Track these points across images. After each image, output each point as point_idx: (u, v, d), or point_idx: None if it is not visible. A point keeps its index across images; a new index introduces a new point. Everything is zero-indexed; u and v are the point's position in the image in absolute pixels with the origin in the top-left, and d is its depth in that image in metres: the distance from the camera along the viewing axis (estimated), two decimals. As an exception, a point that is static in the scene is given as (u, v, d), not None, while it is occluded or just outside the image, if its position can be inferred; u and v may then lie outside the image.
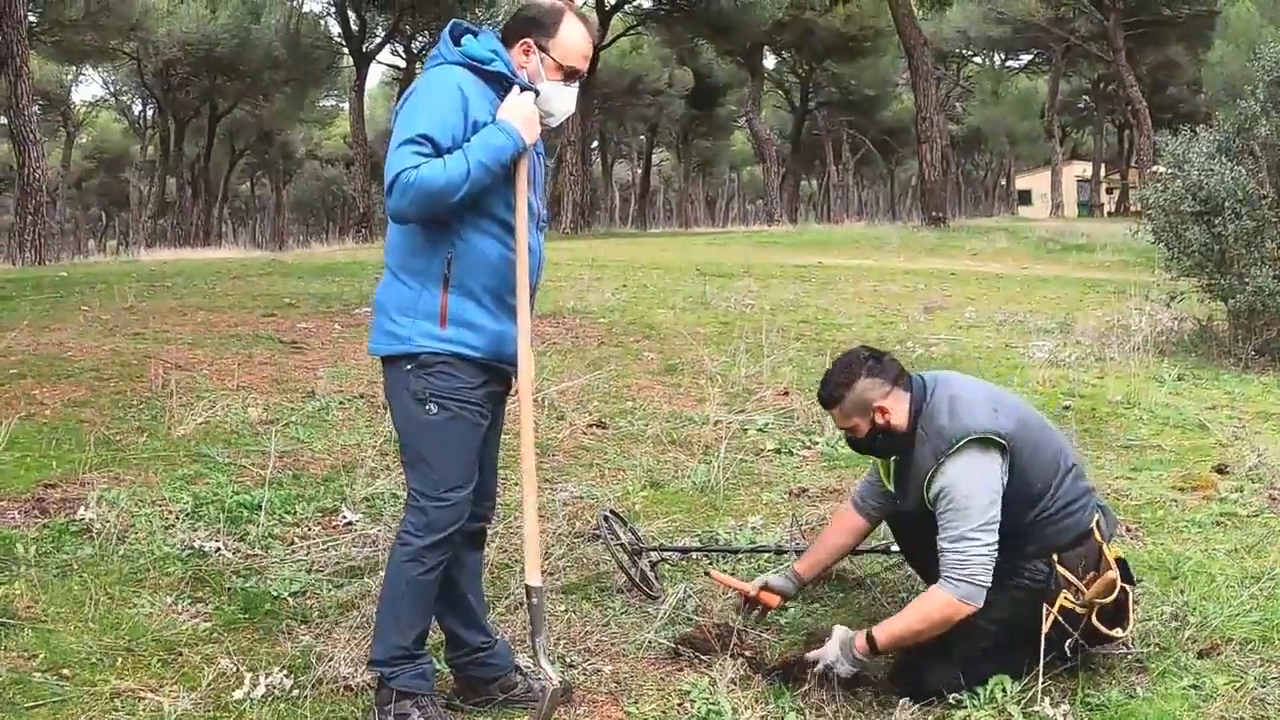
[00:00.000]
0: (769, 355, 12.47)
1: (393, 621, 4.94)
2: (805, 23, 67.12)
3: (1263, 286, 13.91)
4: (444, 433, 4.88)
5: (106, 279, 19.87)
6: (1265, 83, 15.39)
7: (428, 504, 4.88)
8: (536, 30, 5.04)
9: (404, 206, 4.63)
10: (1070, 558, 5.28)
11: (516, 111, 4.88)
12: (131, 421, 9.60)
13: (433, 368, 4.84)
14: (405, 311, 4.86)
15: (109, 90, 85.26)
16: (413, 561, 4.89)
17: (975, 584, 5.09)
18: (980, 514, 5.13)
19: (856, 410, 5.49)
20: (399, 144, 4.67)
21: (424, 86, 4.87)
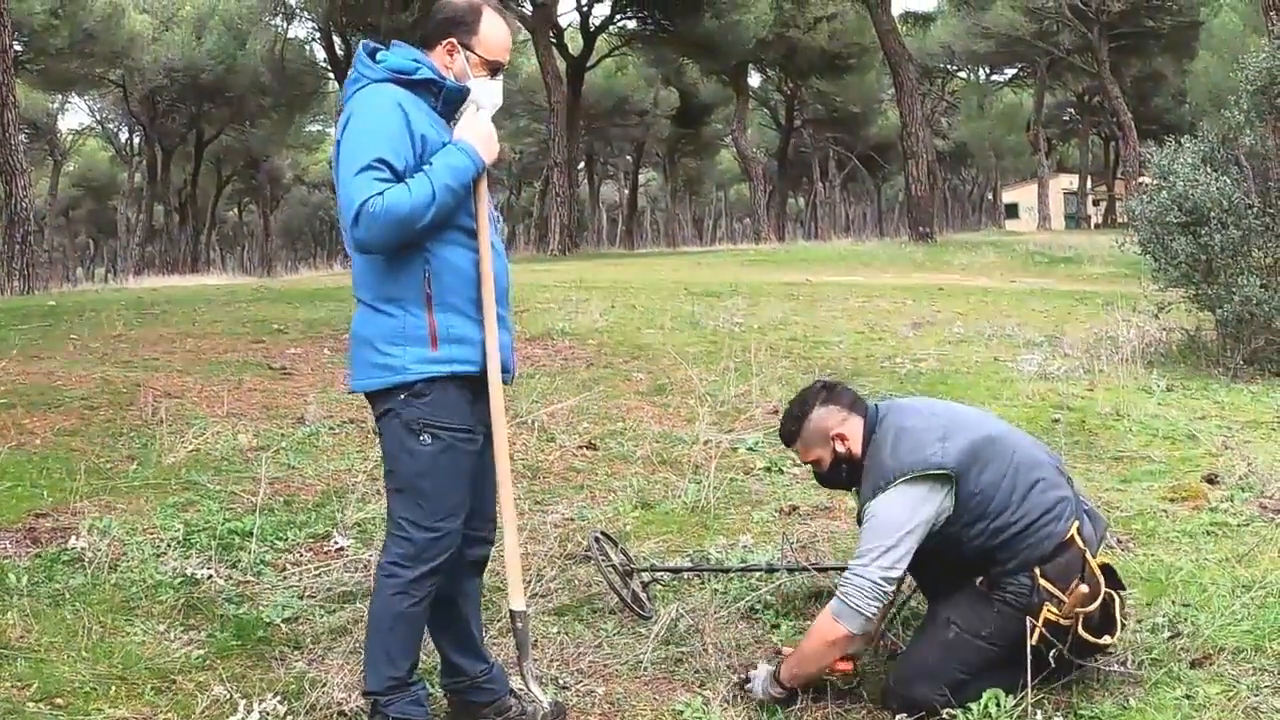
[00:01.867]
0: (758, 374, 12.47)
1: (384, 653, 4.89)
2: (790, 41, 67.23)
3: (1250, 296, 13.94)
4: (437, 463, 4.83)
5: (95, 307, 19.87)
6: (1249, 92, 15.43)
7: (417, 534, 4.84)
8: (458, 29, 5.02)
9: (372, 237, 4.58)
10: (1052, 569, 5.26)
11: (475, 131, 4.88)
12: (122, 450, 9.60)
13: (427, 395, 4.79)
14: (394, 340, 4.79)
15: (95, 118, 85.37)
16: (401, 594, 4.85)
17: (848, 603, 5.13)
18: (880, 543, 5.16)
19: (816, 441, 5.60)
20: (355, 172, 4.60)
21: (361, 110, 4.79)
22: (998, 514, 5.26)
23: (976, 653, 5.26)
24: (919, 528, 5.19)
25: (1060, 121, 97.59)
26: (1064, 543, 5.31)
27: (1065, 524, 5.34)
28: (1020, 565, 5.27)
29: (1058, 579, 5.25)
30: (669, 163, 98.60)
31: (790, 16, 64.67)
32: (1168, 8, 65.05)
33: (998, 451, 5.39)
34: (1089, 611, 5.24)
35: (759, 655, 5.90)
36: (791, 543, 7.42)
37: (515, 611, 5.02)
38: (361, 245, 4.64)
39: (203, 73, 64.32)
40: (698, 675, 5.65)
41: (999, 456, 5.37)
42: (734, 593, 6.72)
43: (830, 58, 70.87)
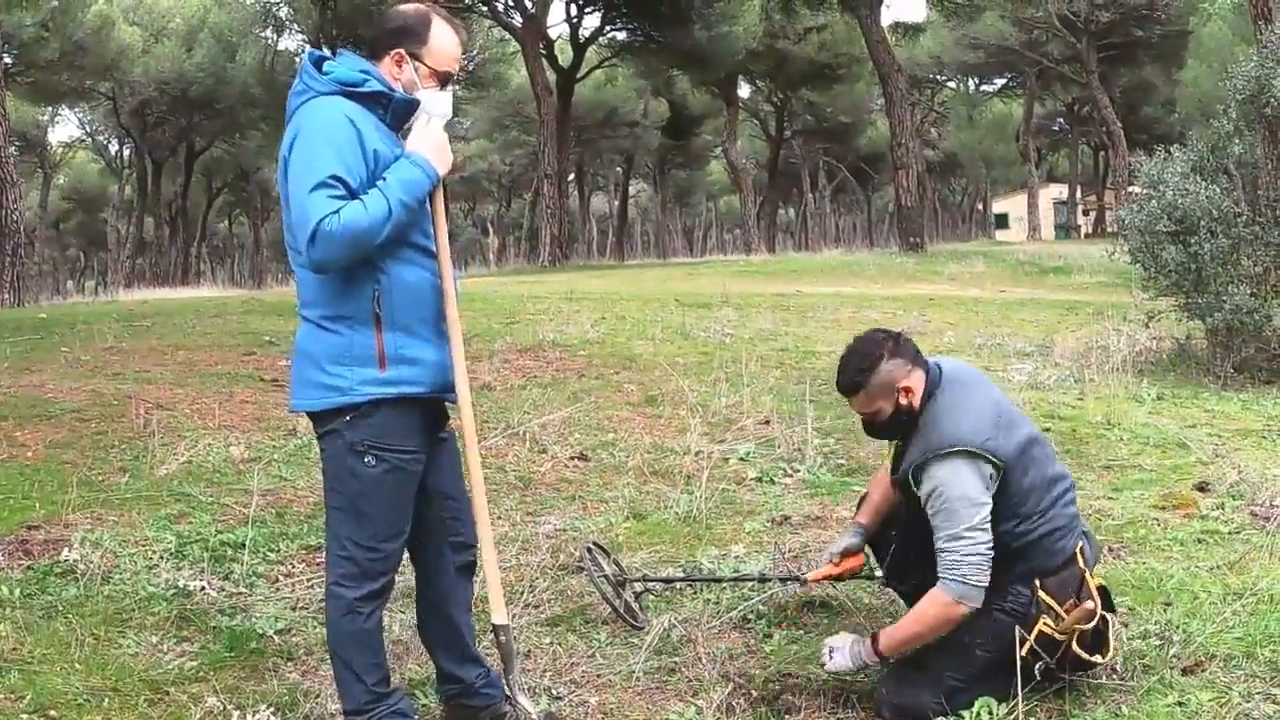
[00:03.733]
0: (749, 384, 12.47)
1: (350, 674, 4.86)
2: (779, 52, 67.28)
3: (1240, 304, 13.99)
4: (381, 485, 4.77)
5: (86, 319, 19.84)
6: (1238, 101, 15.49)
7: (360, 554, 4.79)
8: (408, 39, 4.93)
9: (329, 256, 4.49)
10: (1052, 583, 5.28)
11: (427, 142, 4.81)
12: (114, 462, 9.59)
13: (372, 416, 4.72)
14: (339, 360, 4.71)
15: (85, 130, 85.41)
16: (350, 614, 4.81)
17: (969, 584, 5.11)
18: (971, 514, 5.14)
19: (882, 392, 5.50)
20: (309, 189, 4.49)
21: (311, 124, 4.66)
22: (1025, 518, 5.28)
23: (971, 660, 5.26)
24: (988, 502, 5.20)
25: (1050, 131, 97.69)
26: (1068, 559, 5.34)
27: (1074, 541, 5.38)
28: (1024, 574, 5.28)
29: (1056, 593, 5.27)
30: (659, 174, 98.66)
31: (780, 27, 64.71)
32: (1156, 17, 65.25)
33: (1037, 456, 5.41)
34: (1085, 630, 5.25)
35: (752, 665, 5.90)
36: (783, 552, 7.43)
37: (497, 626, 4.99)
38: (318, 265, 4.54)
39: (193, 85, 64.32)
40: (690, 685, 5.65)
41: (1038, 461, 5.39)
42: (726, 603, 6.73)
43: (820, 68, 70.97)
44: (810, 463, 9.89)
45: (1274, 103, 14.89)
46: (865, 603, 6.68)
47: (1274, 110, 15.03)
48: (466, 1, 54.67)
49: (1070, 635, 5.23)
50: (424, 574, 5.22)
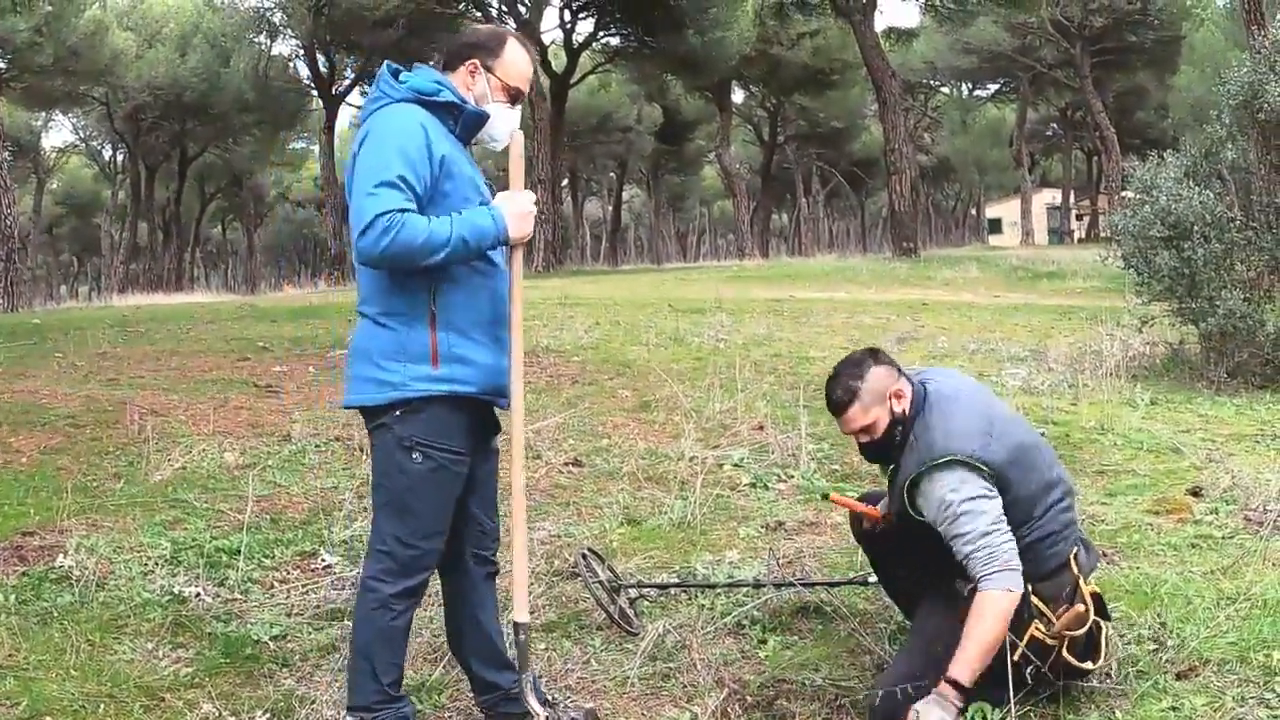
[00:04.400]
0: (743, 390, 12.47)
1: (368, 670, 4.88)
2: (773, 57, 67.32)
3: (1233, 309, 14.00)
4: (427, 482, 4.82)
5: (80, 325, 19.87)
6: (1230, 106, 15.50)
7: (400, 550, 4.83)
8: (482, 53, 5.08)
9: (379, 249, 4.52)
10: (1045, 588, 5.27)
11: (514, 206, 4.89)
12: (108, 468, 9.60)
13: (422, 413, 4.77)
14: (393, 356, 4.77)
15: (79, 136, 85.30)
16: (382, 609, 4.84)
17: (1011, 569, 5.05)
18: (991, 512, 5.12)
19: (876, 400, 5.49)
20: (376, 184, 4.57)
21: (384, 127, 4.77)
22: (1019, 525, 5.24)
23: None
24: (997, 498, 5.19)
25: (1043, 136, 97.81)
26: (1062, 565, 5.33)
27: (1069, 547, 5.37)
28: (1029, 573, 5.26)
29: (1049, 599, 5.26)
30: (652, 179, 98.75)
31: (773, 33, 64.74)
32: (1150, 23, 65.34)
33: (1033, 461, 5.39)
34: (1076, 636, 5.24)
35: (746, 671, 5.90)
36: (778, 558, 7.43)
37: (519, 624, 5.03)
38: (365, 253, 4.60)
39: (186, 90, 64.26)
40: (685, 691, 5.64)
41: (1034, 468, 5.37)
42: (721, 608, 6.72)
43: (813, 74, 71.00)
44: (804, 468, 9.89)
45: (1267, 108, 14.90)
46: (860, 608, 6.67)
47: (1267, 115, 15.04)
48: (461, 6, 54.69)
49: (1061, 641, 5.21)
50: (456, 586, 5.25)
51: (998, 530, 5.10)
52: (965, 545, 5.12)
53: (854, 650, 5.98)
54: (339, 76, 65.10)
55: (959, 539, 5.14)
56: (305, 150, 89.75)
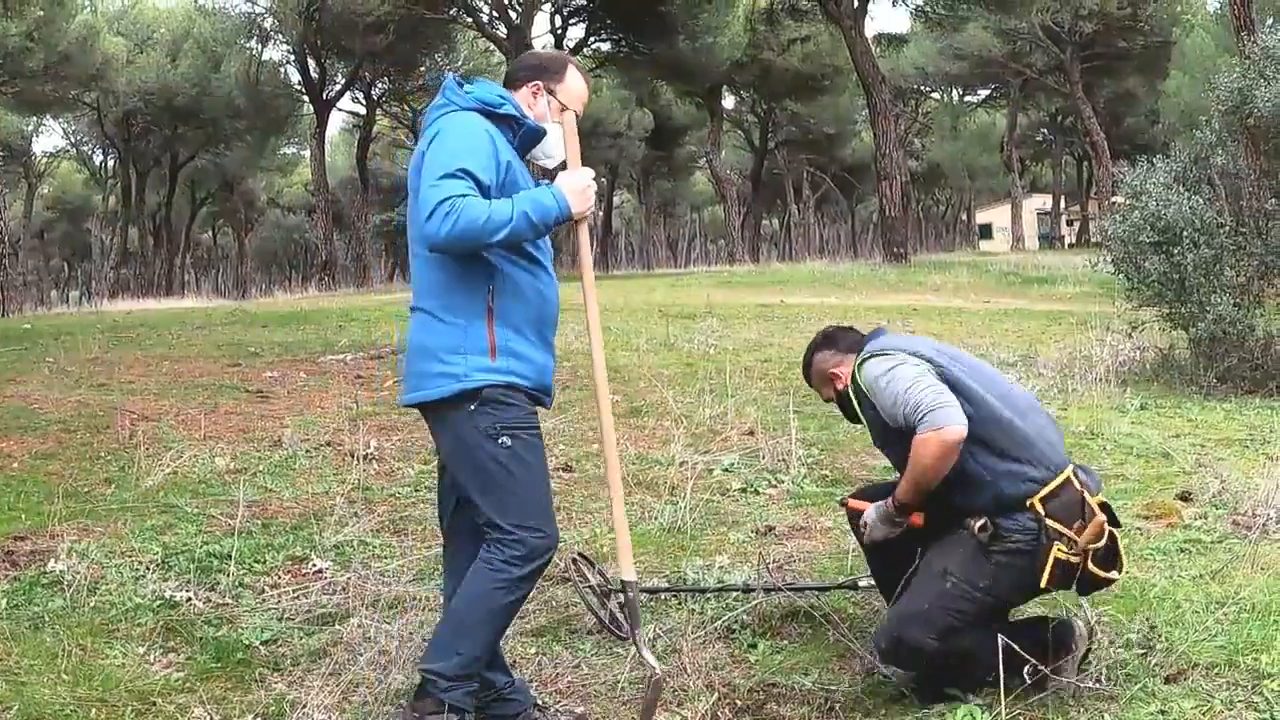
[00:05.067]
0: (733, 395, 12.49)
1: (470, 641, 4.95)
2: (763, 63, 67.38)
3: (1223, 314, 14.03)
4: (523, 461, 4.94)
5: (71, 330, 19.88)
6: (1220, 112, 15.55)
7: (526, 535, 4.92)
8: (545, 75, 5.31)
9: (443, 231, 4.63)
10: (1055, 508, 5.32)
11: (574, 181, 5.03)
12: (99, 473, 9.61)
13: (496, 401, 4.89)
14: (456, 350, 4.88)
15: (70, 141, 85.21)
16: (506, 589, 4.92)
17: (935, 409, 5.23)
18: (905, 375, 5.42)
19: (820, 380, 6.17)
20: (441, 175, 4.71)
21: (453, 129, 4.93)
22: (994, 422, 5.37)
23: (973, 604, 5.32)
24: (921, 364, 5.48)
25: (1034, 142, 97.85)
26: (1064, 483, 5.39)
27: (1062, 460, 5.48)
28: (1023, 495, 5.32)
29: (1063, 518, 5.32)
30: (643, 184, 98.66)
31: (764, 39, 64.81)
32: (1140, 28, 65.40)
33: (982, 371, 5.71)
34: (1098, 547, 5.34)
35: (736, 675, 5.91)
36: (768, 563, 7.44)
37: (627, 582, 5.16)
38: (431, 238, 4.70)
39: (177, 95, 64.18)
40: (675, 695, 5.65)
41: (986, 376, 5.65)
42: (710, 613, 6.73)
43: (804, 79, 71.01)
44: (794, 473, 9.91)
45: (1256, 113, 14.94)
46: (849, 613, 6.68)
47: (1256, 121, 15.09)
48: (451, 12, 54.72)
49: (1085, 556, 5.31)
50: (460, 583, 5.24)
51: (916, 384, 5.35)
52: (899, 407, 5.38)
53: (843, 655, 5.98)
54: (330, 82, 65.08)
55: (895, 408, 5.42)
56: (296, 155, 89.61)
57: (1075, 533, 5.30)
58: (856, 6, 47.64)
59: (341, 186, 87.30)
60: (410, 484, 9.70)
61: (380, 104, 73.66)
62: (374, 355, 16.87)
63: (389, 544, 8.07)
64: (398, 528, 8.49)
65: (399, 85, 71.01)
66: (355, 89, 69.04)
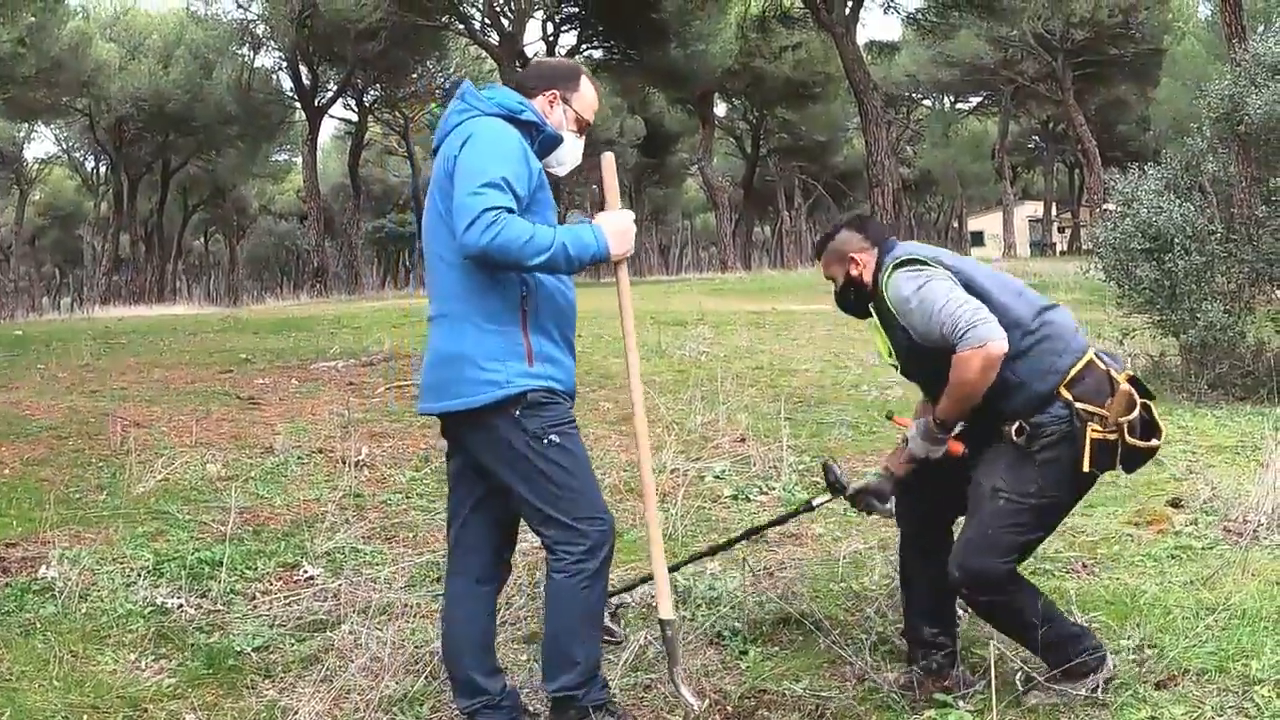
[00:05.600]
0: (725, 402, 12.49)
1: (579, 646, 5.03)
2: (755, 70, 67.40)
3: (1214, 321, 14.06)
4: (572, 456, 5.01)
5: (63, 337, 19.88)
6: (1211, 119, 15.58)
7: (589, 528, 4.99)
8: (562, 84, 5.36)
9: (482, 243, 4.63)
10: (1083, 391, 5.38)
11: (615, 223, 5.11)
12: (91, 480, 9.61)
13: (539, 404, 4.95)
14: (495, 357, 4.91)
15: (61, 147, 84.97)
16: (589, 587, 5.00)
17: (977, 325, 5.21)
18: (938, 289, 5.36)
19: (835, 259, 5.93)
20: (484, 183, 4.71)
21: (486, 133, 4.94)
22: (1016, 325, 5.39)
23: (1029, 511, 5.38)
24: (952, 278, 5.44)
25: (1025, 149, 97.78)
26: (1087, 364, 5.45)
27: (1082, 344, 5.54)
28: (1051, 388, 5.37)
29: (1092, 398, 5.36)
30: (635, 191, 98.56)
31: (755, 46, 64.82)
32: (1131, 36, 65.43)
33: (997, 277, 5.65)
34: (1132, 420, 5.37)
35: (727, 681, 5.91)
36: (756, 571, 7.45)
37: (664, 620, 5.18)
38: (467, 247, 4.70)
39: (169, 102, 64.11)
40: (667, 702, 5.64)
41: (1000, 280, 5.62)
42: (702, 620, 6.73)
43: (796, 87, 71.05)
44: (785, 480, 9.91)
45: (1247, 120, 14.97)
46: (840, 619, 6.68)
47: (1247, 128, 15.11)
48: (444, 19, 54.74)
49: (1121, 430, 5.34)
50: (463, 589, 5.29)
51: (950, 301, 5.29)
52: (937, 325, 5.31)
53: (834, 661, 5.99)
54: (321, 89, 65.06)
55: (931, 325, 5.35)
56: (288, 162, 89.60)
57: (1106, 409, 5.35)
58: (848, 14, 47.71)
59: (333, 193, 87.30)
60: (402, 491, 9.70)
61: (372, 111, 73.67)
62: (366, 362, 16.85)
63: (380, 551, 8.07)
64: (389, 534, 8.49)
65: (391, 92, 71.07)
66: (347, 96, 69.06)
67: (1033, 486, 5.34)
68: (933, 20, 59.04)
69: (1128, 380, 5.47)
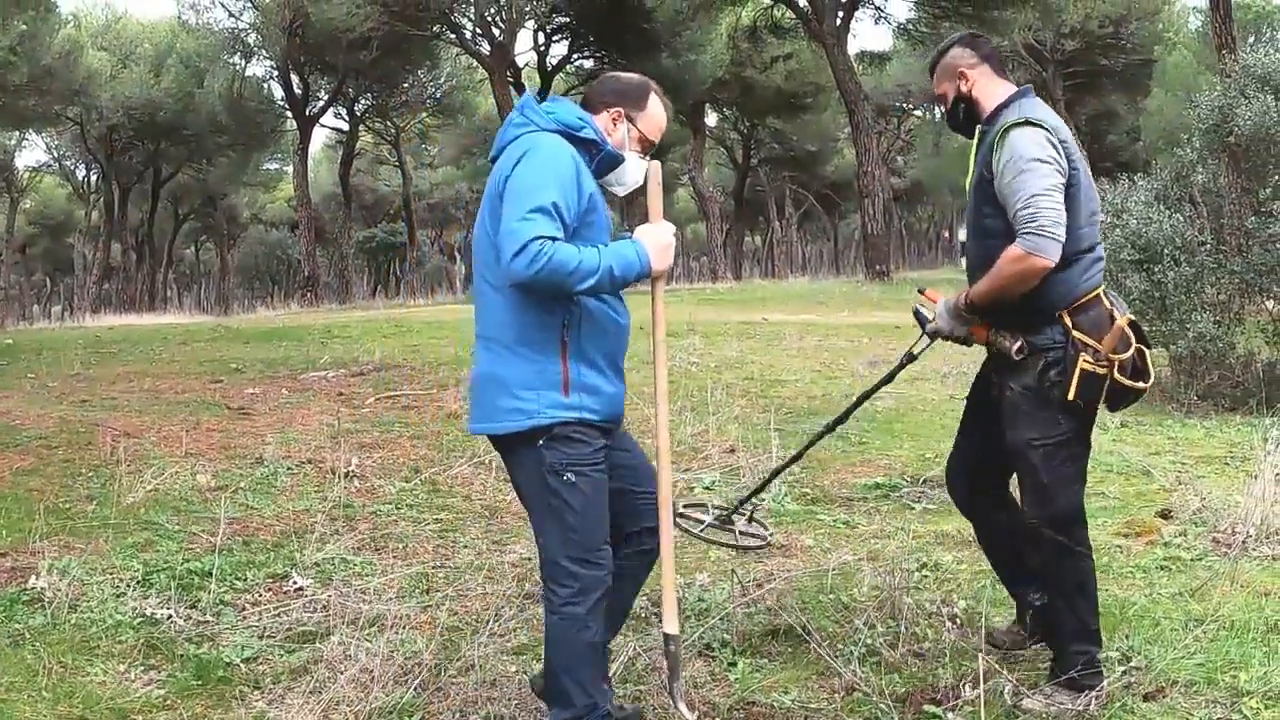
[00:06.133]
0: (714, 413, 12.49)
1: (576, 685, 5.01)
2: (746, 80, 67.37)
3: (1203, 332, 14.08)
4: (584, 498, 4.95)
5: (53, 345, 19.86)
6: (1201, 130, 15.60)
7: (581, 570, 4.96)
8: (627, 102, 5.29)
9: (529, 273, 4.61)
10: (1083, 321, 5.52)
11: (656, 239, 5.06)
12: (81, 490, 9.61)
13: (564, 438, 4.91)
14: (530, 385, 4.90)
15: (52, 155, 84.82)
16: (581, 629, 4.97)
17: (1045, 235, 5.28)
18: (1050, 177, 5.37)
19: (945, 75, 6.08)
20: (532, 208, 4.67)
21: (540, 151, 4.89)
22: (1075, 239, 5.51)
23: (1068, 446, 5.61)
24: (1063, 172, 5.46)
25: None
26: (1094, 298, 5.61)
27: (1099, 279, 5.70)
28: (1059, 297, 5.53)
29: (1089, 330, 5.51)
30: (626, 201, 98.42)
31: (746, 56, 64.78)
32: (1122, 46, 65.46)
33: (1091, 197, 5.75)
34: (1124, 359, 5.53)
35: (716, 694, 5.91)
36: (744, 582, 7.45)
37: (670, 635, 5.17)
38: (514, 275, 4.68)
39: (160, 111, 64.04)
40: (656, 714, 5.64)
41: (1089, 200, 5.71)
42: (691, 631, 6.73)
43: (786, 97, 70.98)
44: (775, 491, 9.91)
45: (1237, 131, 14.99)
46: (830, 631, 6.69)
47: (1237, 139, 15.14)
48: (434, 29, 54.71)
49: (1111, 366, 5.49)
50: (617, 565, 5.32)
51: (1049, 195, 5.34)
52: (1017, 202, 5.38)
53: (823, 673, 5.99)
54: (313, 98, 65.03)
55: (1014, 196, 5.41)
56: (279, 171, 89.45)
57: (1099, 344, 5.49)
58: (839, 24, 47.79)
59: (324, 202, 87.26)
60: (391, 502, 9.71)
61: (363, 120, 73.59)
62: (356, 373, 16.84)
63: (370, 562, 8.07)
64: (379, 545, 8.49)
65: (382, 102, 71.00)
66: (338, 105, 68.98)
67: (1059, 424, 5.57)
68: (924, 31, 59.00)
69: (1127, 323, 5.62)
